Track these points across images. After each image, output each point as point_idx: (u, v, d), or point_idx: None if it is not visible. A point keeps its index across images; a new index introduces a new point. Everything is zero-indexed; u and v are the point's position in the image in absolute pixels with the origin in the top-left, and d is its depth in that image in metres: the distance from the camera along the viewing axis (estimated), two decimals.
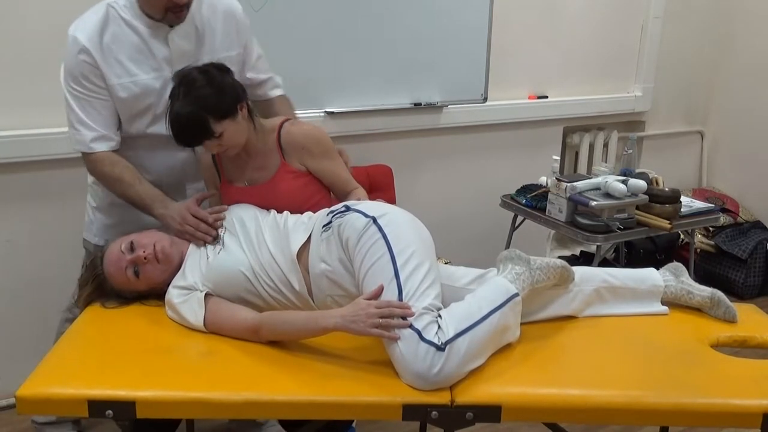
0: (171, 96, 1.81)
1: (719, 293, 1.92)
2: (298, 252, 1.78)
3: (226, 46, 2.03)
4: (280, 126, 1.97)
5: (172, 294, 1.80)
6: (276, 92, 2.20)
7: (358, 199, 1.94)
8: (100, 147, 1.93)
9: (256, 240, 1.84)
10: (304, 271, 1.77)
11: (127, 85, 1.90)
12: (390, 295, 1.59)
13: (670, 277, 1.94)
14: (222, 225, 1.89)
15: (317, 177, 1.99)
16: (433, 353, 1.50)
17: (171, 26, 1.91)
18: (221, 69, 1.85)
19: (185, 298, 1.78)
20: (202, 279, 1.81)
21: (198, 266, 1.84)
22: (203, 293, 1.77)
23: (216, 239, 1.87)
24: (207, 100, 1.76)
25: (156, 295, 1.89)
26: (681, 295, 1.92)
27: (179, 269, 1.86)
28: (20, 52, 2.41)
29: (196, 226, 1.88)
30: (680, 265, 1.99)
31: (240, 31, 2.06)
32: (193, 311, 1.75)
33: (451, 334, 1.53)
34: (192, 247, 1.89)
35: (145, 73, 1.92)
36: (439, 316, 1.57)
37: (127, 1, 1.90)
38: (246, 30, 2.09)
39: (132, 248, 1.83)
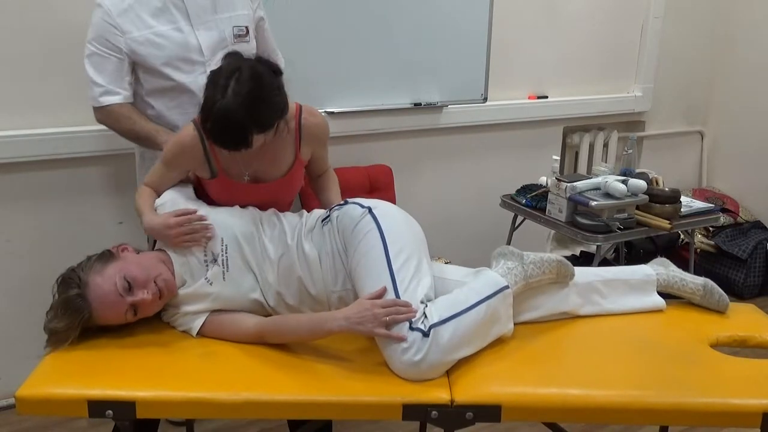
0: (214, 81, 1.64)
1: (712, 282, 1.95)
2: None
3: (237, 5, 2.15)
4: (299, 113, 1.86)
5: (169, 316, 1.74)
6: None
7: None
8: (109, 100, 2.06)
9: (261, 259, 1.76)
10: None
11: (147, 36, 2.01)
12: (383, 283, 1.60)
13: (660, 268, 1.98)
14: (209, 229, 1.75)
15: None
16: (419, 339, 1.52)
17: None
18: (275, 72, 1.72)
19: (183, 320, 1.74)
20: (207, 307, 1.72)
21: (200, 296, 1.72)
22: (202, 319, 1.72)
23: (212, 256, 1.74)
24: (258, 111, 1.63)
25: None
26: (674, 282, 1.94)
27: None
28: (21, 53, 2.41)
29: (187, 223, 1.74)
30: (666, 259, 2.04)
31: None
32: (189, 328, 1.73)
33: (435, 320, 1.55)
34: (185, 269, 1.74)
35: (163, 25, 2.04)
36: (426, 305, 1.59)
37: None
38: None
39: (130, 288, 1.64)
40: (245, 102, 1.60)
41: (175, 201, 1.82)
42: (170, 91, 2.08)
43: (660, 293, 1.94)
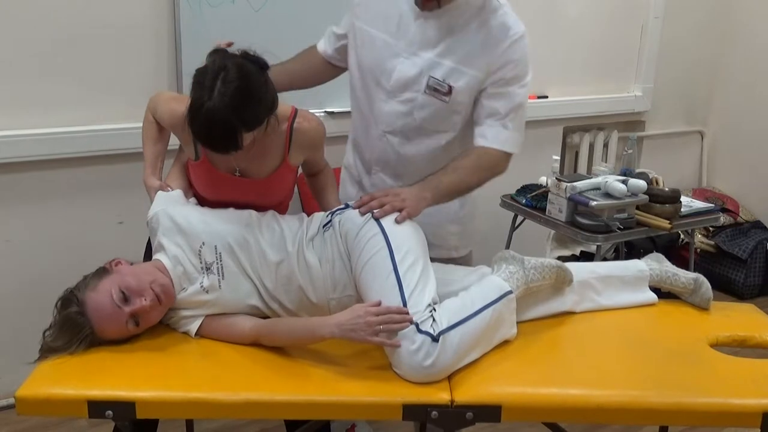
0: (200, 82, 1.59)
1: (703, 277, 1.96)
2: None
3: (469, 63, 1.90)
4: (292, 118, 1.81)
5: (168, 318, 1.72)
6: (479, 141, 1.95)
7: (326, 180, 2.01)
8: (321, 43, 2.22)
9: (259, 265, 1.72)
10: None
11: (363, 29, 1.98)
12: (390, 287, 1.59)
13: (654, 264, 1.99)
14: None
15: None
16: (428, 344, 1.52)
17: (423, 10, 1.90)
18: (262, 66, 1.67)
19: (181, 322, 1.72)
20: (205, 311, 1.71)
21: (197, 302, 1.70)
22: (200, 321, 1.71)
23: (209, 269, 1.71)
24: (247, 109, 1.58)
25: None
26: (666, 277, 1.96)
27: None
28: (21, 52, 2.41)
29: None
30: (661, 255, 2.05)
31: (494, 61, 1.94)
32: (187, 329, 1.72)
33: (444, 326, 1.55)
34: (182, 277, 1.70)
35: (381, 32, 1.94)
36: (434, 309, 1.59)
37: None
38: (505, 61, 1.97)
39: (125, 298, 1.60)
40: (232, 102, 1.56)
41: (160, 219, 1.77)
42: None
43: (653, 289, 1.96)
